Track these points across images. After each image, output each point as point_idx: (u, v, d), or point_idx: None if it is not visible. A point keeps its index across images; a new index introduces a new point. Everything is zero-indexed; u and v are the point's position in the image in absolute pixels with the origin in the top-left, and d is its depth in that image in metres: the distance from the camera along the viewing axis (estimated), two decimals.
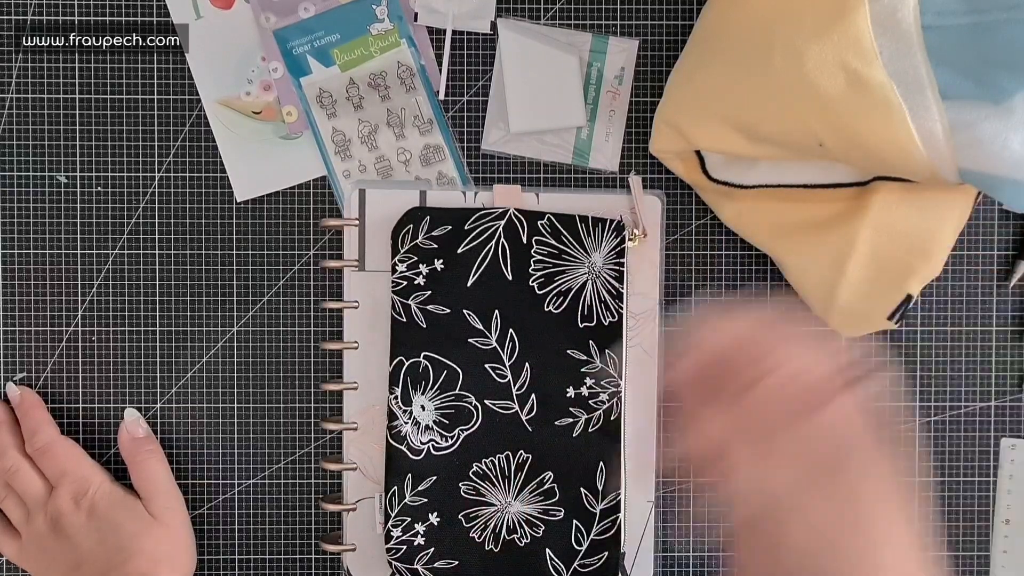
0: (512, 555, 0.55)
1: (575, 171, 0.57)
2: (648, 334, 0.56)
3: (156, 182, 0.57)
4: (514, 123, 0.56)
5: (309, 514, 0.58)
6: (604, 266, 0.55)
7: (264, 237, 0.57)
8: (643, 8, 0.57)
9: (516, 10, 0.57)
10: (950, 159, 0.46)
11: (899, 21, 0.44)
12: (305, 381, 0.58)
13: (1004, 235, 0.58)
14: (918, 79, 0.45)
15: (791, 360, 0.44)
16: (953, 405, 0.58)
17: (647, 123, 0.57)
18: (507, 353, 0.55)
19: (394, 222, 0.55)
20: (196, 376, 0.57)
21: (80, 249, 0.57)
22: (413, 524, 0.55)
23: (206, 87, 0.56)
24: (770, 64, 0.47)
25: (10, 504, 0.55)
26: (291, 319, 0.57)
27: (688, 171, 0.55)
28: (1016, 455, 0.58)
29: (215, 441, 0.58)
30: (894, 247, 0.52)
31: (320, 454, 0.58)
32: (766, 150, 0.50)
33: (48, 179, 0.57)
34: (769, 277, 0.58)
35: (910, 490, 0.58)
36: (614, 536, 0.55)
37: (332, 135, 0.57)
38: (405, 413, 0.55)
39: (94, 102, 0.56)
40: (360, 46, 0.56)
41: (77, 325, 0.57)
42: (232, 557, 0.58)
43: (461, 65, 0.57)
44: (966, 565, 0.58)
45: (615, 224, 0.55)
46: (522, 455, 0.55)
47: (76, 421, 0.57)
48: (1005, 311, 0.58)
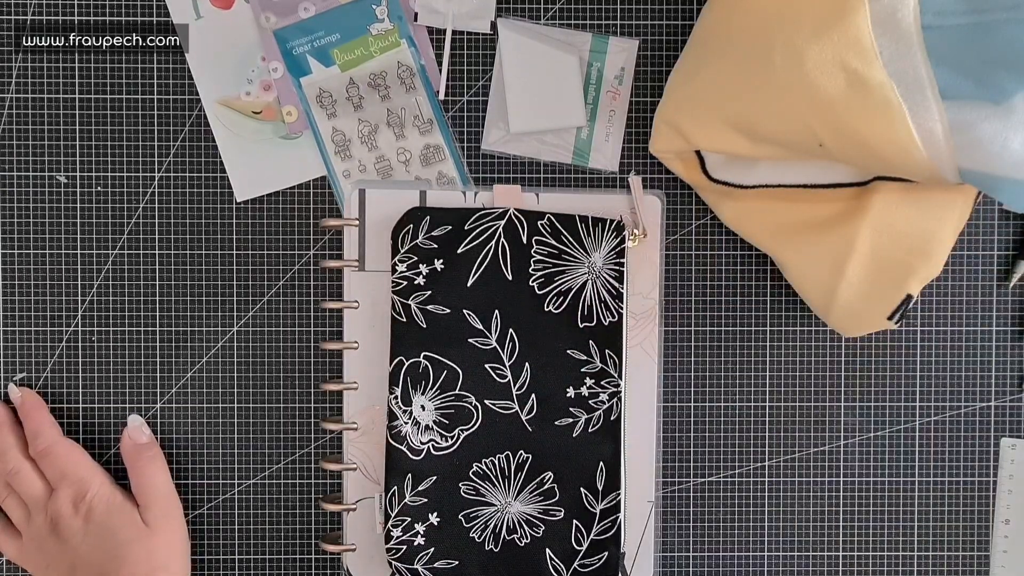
0: (512, 555, 0.55)
1: (575, 171, 0.57)
2: (648, 334, 0.56)
3: (156, 182, 0.57)
4: (514, 123, 0.56)
5: (309, 514, 0.58)
6: (604, 266, 0.55)
7: (264, 237, 0.57)
8: (643, 8, 0.57)
9: (516, 10, 0.57)
10: (950, 159, 0.46)
11: (899, 21, 0.44)
12: (305, 381, 0.58)
13: (1004, 235, 0.58)
14: (918, 79, 0.45)
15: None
16: (953, 405, 0.58)
17: (647, 123, 0.57)
18: (507, 353, 0.55)
19: (394, 222, 0.55)
20: (196, 376, 0.57)
21: (80, 249, 0.57)
22: (413, 524, 0.55)
23: (206, 87, 0.56)
24: (770, 64, 0.47)
25: (11, 504, 0.55)
26: (291, 319, 0.57)
27: (688, 171, 0.55)
28: (1016, 455, 0.58)
29: (215, 441, 0.58)
30: (894, 247, 0.52)
31: (320, 454, 0.58)
32: (766, 150, 0.50)
33: (48, 179, 0.57)
34: (769, 277, 0.58)
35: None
36: (614, 536, 0.55)
37: (332, 135, 0.57)
38: (405, 413, 0.55)
39: (94, 102, 0.56)
40: (360, 46, 0.56)
41: (77, 325, 0.57)
42: (232, 557, 0.58)
43: (461, 65, 0.57)
44: (966, 565, 0.58)
45: (615, 224, 0.55)
46: (522, 455, 0.55)
47: (76, 421, 0.57)
48: (1005, 311, 0.58)
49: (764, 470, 0.58)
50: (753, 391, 0.58)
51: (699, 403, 0.58)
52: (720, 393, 0.58)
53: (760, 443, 0.58)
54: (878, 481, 0.58)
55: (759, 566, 0.58)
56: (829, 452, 0.58)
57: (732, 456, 0.58)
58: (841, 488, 0.58)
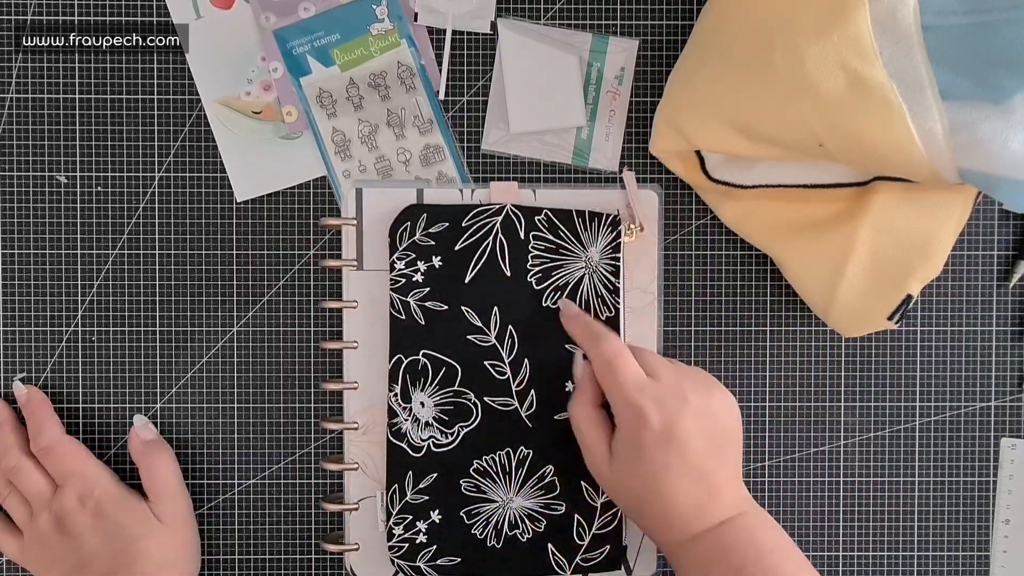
0: (515, 551, 0.55)
1: (575, 171, 0.57)
2: (647, 328, 0.56)
3: (156, 182, 0.57)
4: (514, 123, 0.56)
5: (309, 514, 0.58)
6: (601, 261, 0.55)
7: (264, 237, 0.57)
8: (643, 8, 0.57)
9: (516, 10, 0.57)
10: (950, 159, 0.46)
11: (899, 21, 0.44)
12: (305, 381, 0.58)
13: (1004, 235, 0.58)
14: (918, 79, 0.45)
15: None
16: (953, 405, 0.58)
17: (647, 123, 0.57)
18: (506, 349, 0.55)
19: (391, 221, 0.55)
20: (196, 376, 0.57)
21: (80, 249, 0.57)
22: (415, 522, 0.55)
23: (206, 87, 0.56)
24: (770, 64, 0.47)
25: (12, 502, 0.55)
26: (291, 319, 0.57)
27: (688, 171, 0.55)
28: (1016, 455, 0.58)
29: (215, 441, 0.58)
30: (894, 247, 0.52)
31: (320, 454, 0.58)
32: (766, 150, 0.50)
33: (48, 179, 0.57)
34: (769, 277, 0.58)
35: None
36: (615, 529, 0.55)
37: (332, 135, 0.57)
38: (405, 410, 0.55)
39: (94, 102, 0.56)
40: (360, 46, 0.56)
41: (77, 325, 0.57)
42: (232, 557, 0.58)
43: (461, 65, 0.57)
44: (966, 565, 0.58)
45: (611, 219, 0.55)
46: (522, 451, 0.55)
47: (76, 421, 0.57)
48: (1005, 311, 0.58)
49: (764, 470, 0.58)
50: (753, 391, 0.58)
51: None
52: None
53: (760, 443, 0.58)
54: (878, 481, 0.58)
55: None
56: (829, 452, 0.58)
57: None
58: (841, 488, 0.58)
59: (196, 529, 0.56)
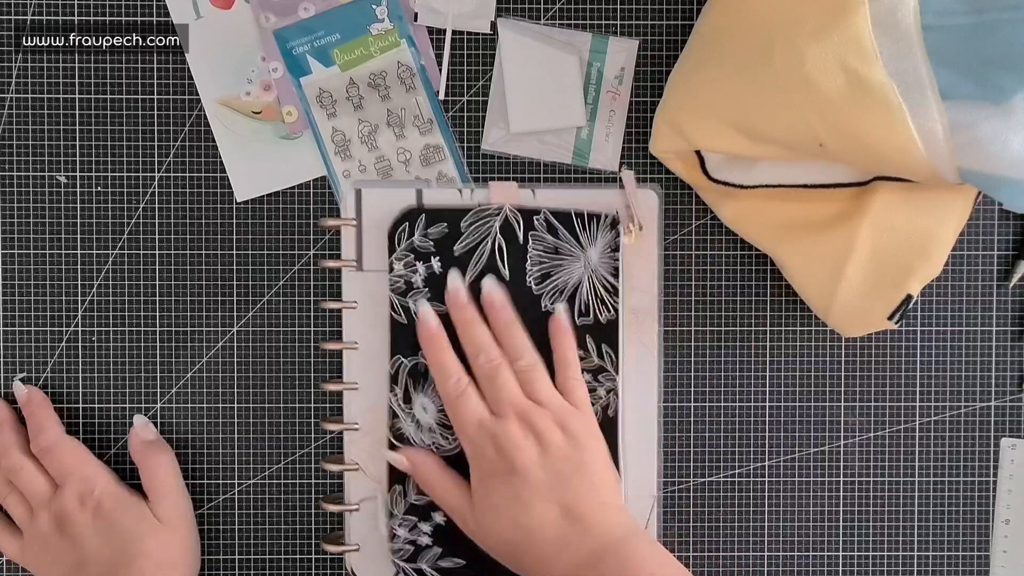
0: None
1: (575, 171, 0.57)
2: (648, 329, 0.56)
3: (156, 182, 0.57)
4: (514, 123, 0.56)
5: (309, 514, 0.58)
6: (600, 261, 0.55)
7: (264, 237, 0.57)
8: (643, 8, 0.57)
9: (516, 10, 0.57)
10: (950, 159, 0.46)
11: (899, 21, 0.44)
12: (305, 381, 0.58)
13: (1004, 235, 0.58)
14: (918, 79, 0.45)
15: None
16: (953, 405, 0.58)
17: (647, 123, 0.57)
18: None
19: (390, 221, 0.55)
20: (196, 376, 0.57)
21: (80, 249, 0.57)
22: (418, 524, 0.55)
23: (206, 87, 0.56)
24: (770, 64, 0.47)
25: (12, 502, 0.55)
26: (291, 319, 0.57)
27: (688, 171, 0.55)
28: (1016, 455, 0.58)
29: (215, 441, 0.58)
30: (894, 247, 0.52)
31: (320, 454, 0.58)
32: (766, 150, 0.50)
33: (48, 179, 0.57)
34: (769, 277, 0.58)
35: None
36: None
37: (332, 135, 0.57)
38: (407, 414, 0.55)
39: (94, 102, 0.56)
40: (360, 46, 0.56)
41: (77, 325, 0.57)
42: (232, 557, 0.58)
43: (461, 65, 0.57)
44: (966, 565, 0.58)
45: (610, 219, 0.55)
46: None
47: (76, 421, 0.57)
48: (1005, 311, 0.58)
49: (764, 470, 0.58)
50: (753, 391, 0.58)
51: (699, 403, 0.58)
52: (720, 393, 0.58)
53: (760, 443, 0.58)
54: (878, 481, 0.58)
55: (759, 566, 0.58)
56: (829, 452, 0.58)
57: (732, 456, 0.58)
58: (841, 488, 0.58)
59: (196, 529, 0.56)
